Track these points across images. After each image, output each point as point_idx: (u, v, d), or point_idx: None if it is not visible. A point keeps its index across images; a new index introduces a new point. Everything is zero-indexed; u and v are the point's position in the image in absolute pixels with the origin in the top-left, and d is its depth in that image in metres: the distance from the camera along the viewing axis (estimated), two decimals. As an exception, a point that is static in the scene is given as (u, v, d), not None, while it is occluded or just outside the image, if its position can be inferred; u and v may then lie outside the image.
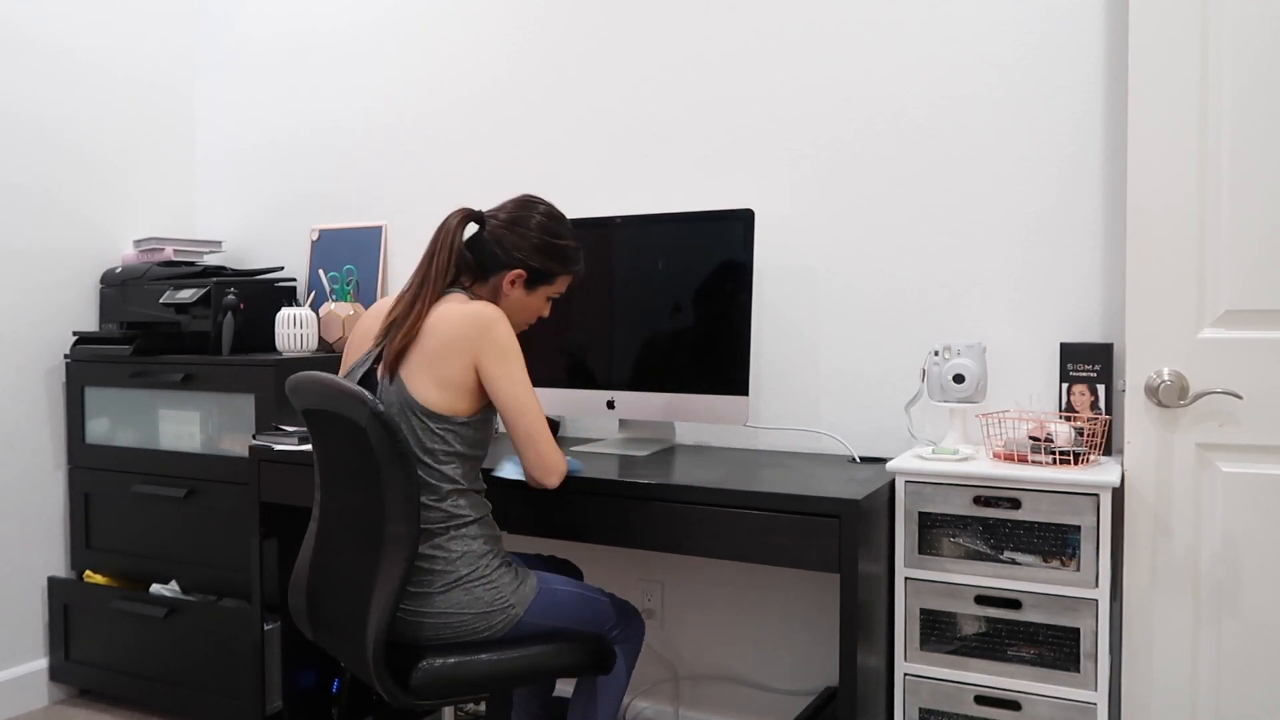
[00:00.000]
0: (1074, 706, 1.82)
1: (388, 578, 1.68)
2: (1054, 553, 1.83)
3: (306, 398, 1.81)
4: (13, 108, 2.88)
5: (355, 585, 1.75)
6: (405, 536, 1.67)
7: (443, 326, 1.77)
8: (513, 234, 1.89)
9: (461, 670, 1.73)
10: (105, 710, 2.92)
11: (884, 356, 2.37)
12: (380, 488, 1.69)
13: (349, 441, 1.72)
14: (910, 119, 2.33)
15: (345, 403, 1.69)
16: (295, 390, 1.83)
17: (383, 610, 1.67)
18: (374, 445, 1.67)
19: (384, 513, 1.69)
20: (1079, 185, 2.17)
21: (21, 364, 2.93)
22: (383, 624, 1.67)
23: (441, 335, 1.77)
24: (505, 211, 1.92)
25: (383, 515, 1.69)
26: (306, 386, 1.79)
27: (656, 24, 2.62)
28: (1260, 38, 1.78)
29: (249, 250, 3.33)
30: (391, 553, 1.68)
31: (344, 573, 1.79)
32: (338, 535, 1.82)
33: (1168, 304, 1.86)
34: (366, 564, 1.73)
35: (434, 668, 1.71)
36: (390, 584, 1.67)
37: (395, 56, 3.02)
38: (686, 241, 2.32)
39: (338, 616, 1.80)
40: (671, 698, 2.64)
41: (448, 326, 1.77)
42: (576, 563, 2.75)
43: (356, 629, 1.73)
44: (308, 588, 1.88)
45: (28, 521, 2.95)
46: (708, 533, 1.90)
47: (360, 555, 1.75)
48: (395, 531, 1.68)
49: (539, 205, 1.93)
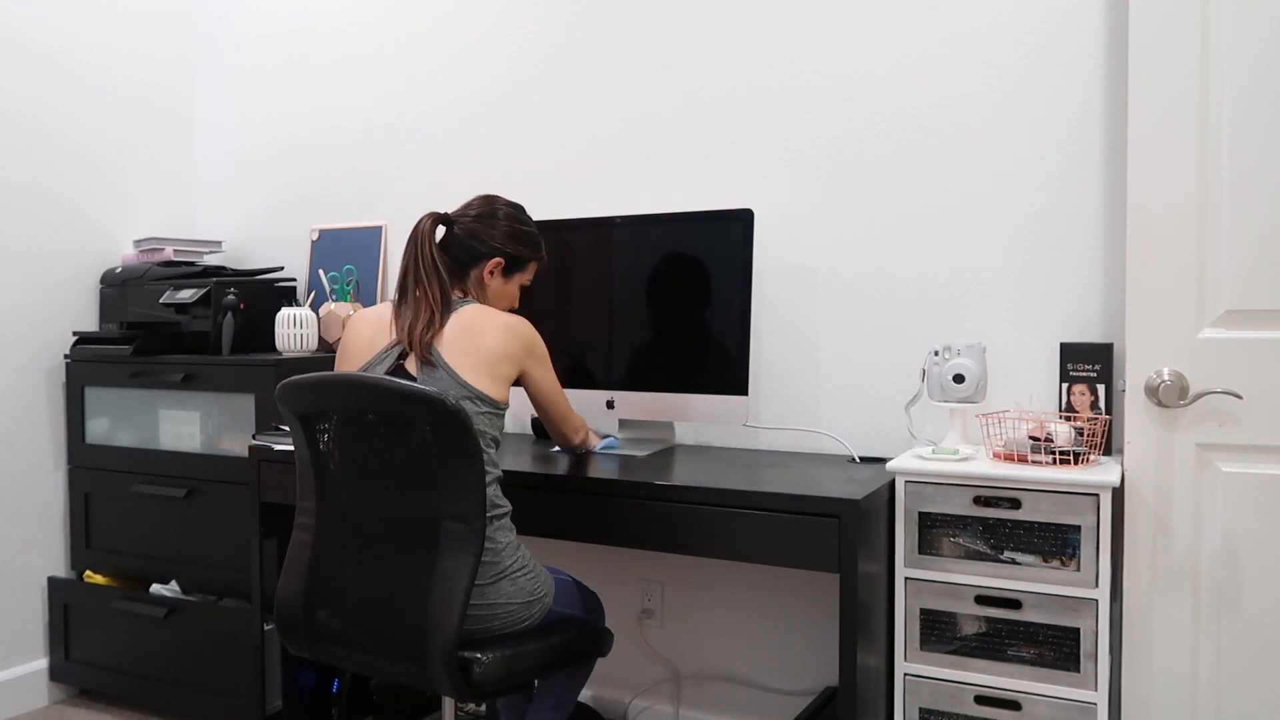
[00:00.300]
0: (1074, 706, 1.82)
1: (451, 575, 1.67)
2: (1054, 553, 1.83)
3: (326, 399, 1.76)
4: (13, 108, 2.88)
5: (397, 591, 1.71)
6: (471, 533, 1.67)
7: (489, 335, 1.86)
8: (485, 227, 1.99)
9: (518, 662, 1.77)
10: (105, 710, 2.92)
11: (884, 356, 2.37)
12: (439, 485, 1.68)
13: (399, 440, 1.70)
14: (910, 119, 2.33)
15: (406, 401, 1.67)
16: (309, 391, 1.77)
17: (452, 608, 1.65)
18: (444, 442, 1.66)
19: (442, 510, 1.68)
20: (1079, 185, 2.17)
21: (21, 364, 2.93)
22: (454, 622, 1.65)
23: (491, 341, 1.86)
24: (472, 209, 2.01)
25: (440, 513, 1.68)
26: (331, 387, 1.75)
27: (656, 24, 2.62)
28: (1260, 38, 1.78)
29: (249, 250, 3.33)
30: (454, 549, 1.67)
31: (378, 578, 1.74)
32: (359, 540, 1.77)
33: (1168, 304, 1.86)
34: (416, 566, 1.70)
35: (493, 661, 1.73)
36: (458, 581, 1.66)
37: (395, 56, 3.02)
38: (686, 241, 2.32)
39: (366, 625, 1.75)
40: (671, 698, 2.64)
41: (495, 335, 1.87)
42: (577, 562, 2.76)
43: (408, 634, 1.70)
44: (307, 600, 1.82)
45: (28, 521, 2.95)
46: (708, 533, 1.90)
47: (403, 558, 1.72)
48: (457, 529, 1.67)
49: (500, 200, 2.05)
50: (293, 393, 1.79)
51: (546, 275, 2.49)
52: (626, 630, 2.69)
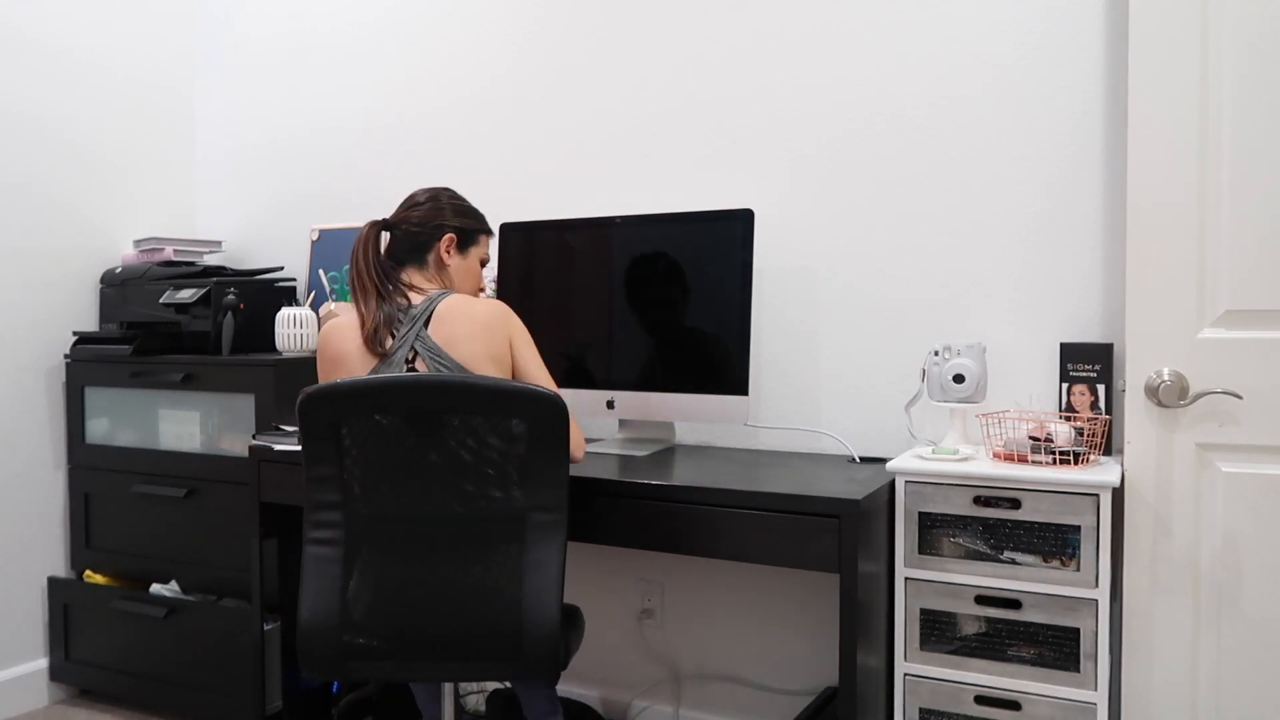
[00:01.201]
0: (1074, 706, 1.82)
1: (544, 565, 1.70)
2: (1054, 553, 1.83)
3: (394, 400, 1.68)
4: (13, 108, 2.88)
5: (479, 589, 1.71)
6: (558, 522, 1.71)
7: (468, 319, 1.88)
8: (427, 212, 2.04)
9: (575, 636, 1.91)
10: (105, 710, 2.93)
11: (884, 356, 2.37)
12: (527, 478, 1.71)
13: (477, 438, 1.70)
14: (910, 119, 2.33)
15: (497, 398, 1.68)
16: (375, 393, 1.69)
17: (550, 596, 1.69)
18: (538, 434, 1.69)
19: (528, 503, 1.71)
20: (1079, 185, 2.17)
21: (21, 364, 2.93)
22: (554, 608, 1.69)
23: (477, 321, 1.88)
24: (406, 205, 2.06)
25: (526, 505, 1.72)
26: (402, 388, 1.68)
27: (656, 24, 2.62)
28: (1260, 38, 1.78)
29: (249, 250, 3.33)
30: (543, 539, 1.71)
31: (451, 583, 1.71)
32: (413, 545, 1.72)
33: (1168, 304, 1.86)
34: (502, 563, 1.71)
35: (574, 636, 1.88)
36: (550, 567, 1.70)
37: (395, 56, 3.02)
38: (686, 241, 2.32)
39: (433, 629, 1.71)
40: (671, 698, 2.64)
41: (475, 315, 1.89)
42: (577, 561, 2.76)
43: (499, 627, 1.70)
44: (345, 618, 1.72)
45: (28, 521, 2.95)
46: (708, 533, 1.90)
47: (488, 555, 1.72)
48: (543, 520, 1.71)
49: (427, 189, 2.09)
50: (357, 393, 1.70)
51: (547, 275, 2.49)
52: (626, 630, 2.69)
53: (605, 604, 2.71)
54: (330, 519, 1.74)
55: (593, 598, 2.73)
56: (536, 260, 2.51)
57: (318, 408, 1.70)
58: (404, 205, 2.06)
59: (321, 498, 1.74)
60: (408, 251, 2.02)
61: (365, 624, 1.72)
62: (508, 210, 2.82)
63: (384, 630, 1.72)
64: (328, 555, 1.73)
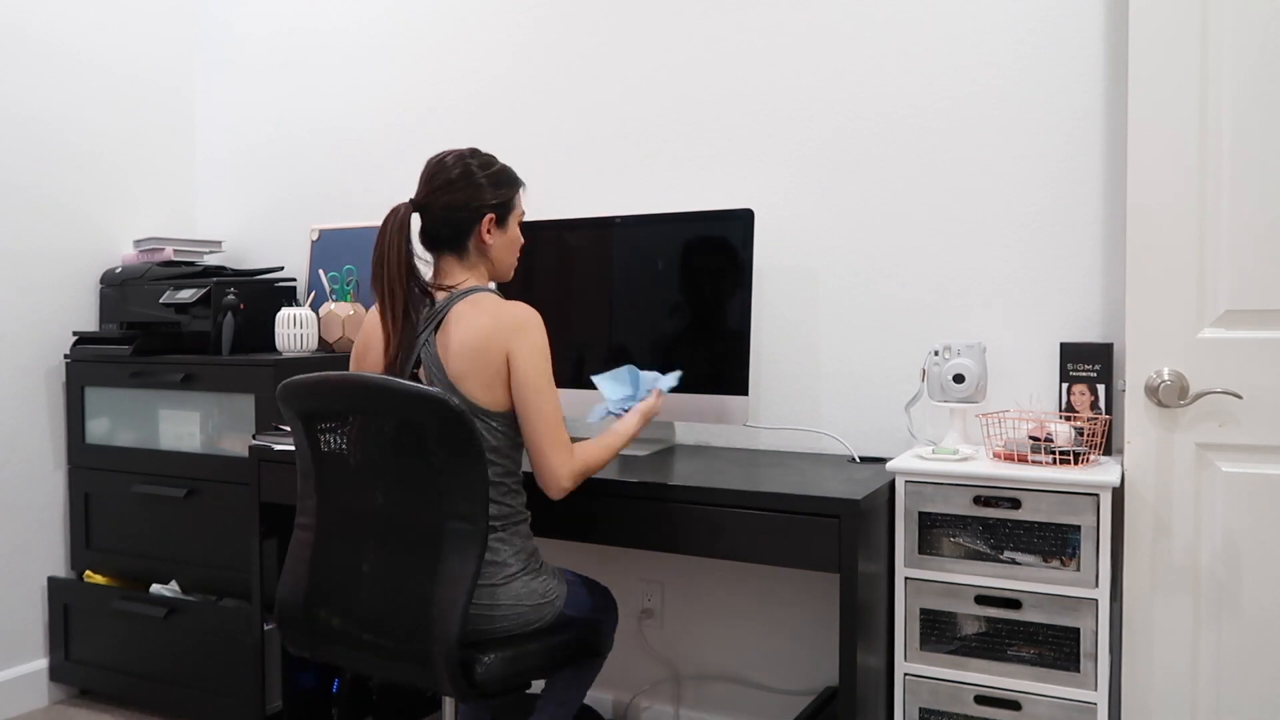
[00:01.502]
0: (1074, 706, 1.82)
1: (455, 577, 1.66)
2: (1054, 553, 1.83)
3: (332, 398, 1.74)
4: (13, 107, 2.88)
5: (400, 590, 1.71)
6: (474, 534, 1.67)
7: (475, 328, 1.79)
8: (463, 192, 1.86)
9: (519, 662, 1.77)
10: (105, 710, 2.92)
11: (884, 356, 2.37)
12: (443, 486, 1.67)
13: (400, 441, 1.69)
14: (910, 119, 2.33)
15: (409, 402, 1.66)
16: (313, 391, 1.75)
17: (455, 610, 1.65)
18: (448, 443, 1.65)
19: (446, 510, 1.68)
20: (1079, 185, 2.17)
21: (21, 364, 2.93)
22: (457, 623, 1.65)
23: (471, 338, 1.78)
24: (436, 183, 1.87)
25: (443, 514, 1.68)
26: (336, 386, 1.73)
27: (656, 24, 2.62)
28: (1260, 37, 1.78)
29: (249, 250, 3.33)
30: (457, 551, 1.67)
31: (382, 578, 1.74)
32: (361, 540, 1.77)
33: (1167, 304, 1.86)
34: (419, 566, 1.70)
35: (495, 661, 1.73)
36: (460, 583, 1.66)
37: (395, 56, 3.02)
38: (686, 241, 2.32)
39: (369, 625, 1.75)
40: (672, 698, 2.64)
41: (479, 326, 1.79)
42: (577, 562, 2.75)
43: (411, 634, 1.70)
44: (309, 599, 1.82)
45: (28, 521, 2.95)
46: (708, 533, 1.90)
47: (406, 557, 1.71)
48: (460, 529, 1.67)
49: (454, 156, 1.89)
50: (296, 392, 1.77)
51: (547, 275, 2.49)
52: (626, 630, 2.69)
53: (605, 604, 2.72)
54: (307, 505, 1.84)
55: (593, 598, 2.73)
56: (536, 260, 2.51)
57: (285, 400, 1.80)
58: (434, 182, 1.86)
59: (302, 485, 1.85)
60: (446, 240, 1.88)
61: (323, 609, 1.80)
62: (508, 210, 2.82)
63: (335, 619, 1.79)
64: (303, 540, 1.85)
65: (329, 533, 1.81)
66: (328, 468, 1.80)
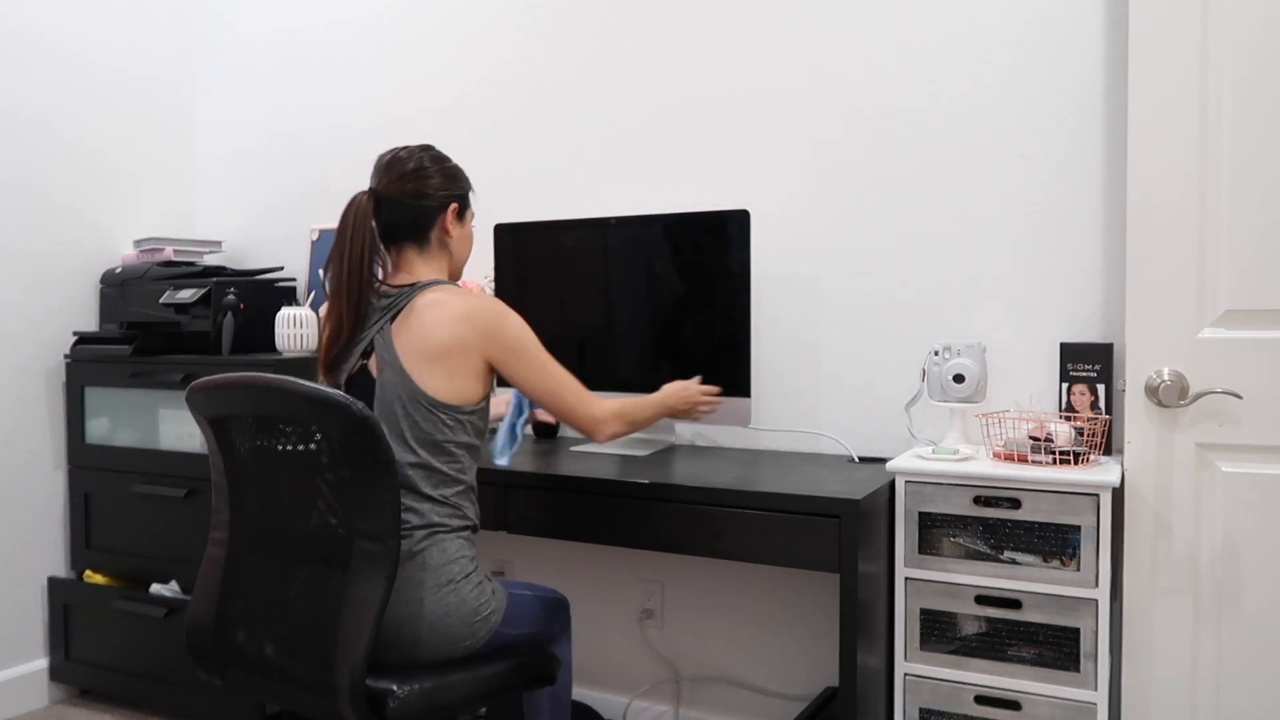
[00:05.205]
0: (1074, 706, 1.82)
1: (362, 600, 1.52)
2: (1054, 553, 1.83)
3: (229, 403, 1.61)
4: (13, 107, 2.88)
5: (311, 615, 1.58)
6: (386, 553, 1.53)
7: (442, 327, 1.72)
8: (423, 183, 1.83)
9: (440, 695, 1.63)
10: (105, 710, 2.93)
11: (884, 356, 2.37)
12: (350, 500, 1.55)
13: (304, 449, 1.57)
14: (910, 118, 2.33)
15: (311, 406, 1.52)
16: (211, 393, 1.62)
17: (361, 635, 1.51)
18: (353, 453, 1.52)
19: (354, 527, 1.55)
20: (1079, 184, 2.17)
21: (21, 364, 2.92)
22: (362, 650, 1.51)
23: (443, 334, 1.72)
24: (395, 173, 1.83)
25: (351, 530, 1.55)
26: (233, 389, 1.60)
27: (655, 24, 2.62)
28: (1260, 35, 1.78)
29: (249, 250, 3.33)
30: (366, 571, 1.53)
31: (290, 600, 1.61)
32: (271, 557, 1.64)
33: (1168, 304, 1.86)
34: (325, 588, 1.57)
35: (411, 694, 1.59)
36: (369, 606, 1.52)
37: (395, 55, 3.02)
38: (684, 242, 2.32)
39: (276, 652, 1.61)
40: (671, 698, 2.64)
41: (448, 326, 1.72)
42: (577, 561, 2.76)
43: (322, 662, 1.56)
44: (220, 622, 1.66)
45: (28, 521, 2.95)
46: (708, 533, 1.90)
47: (314, 578, 1.59)
48: (369, 548, 1.53)
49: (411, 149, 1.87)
50: (200, 396, 1.65)
51: (544, 276, 2.49)
52: (626, 630, 2.69)
53: (605, 604, 2.71)
54: (219, 519, 1.71)
55: (593, 598, 2.73)
56: (534, 261, 2.51)
57: (191, 404, 1.67)
58: (393, 171, 1.82)
59: (215, 497, 1.71)
60: (406, 230, 1.83)
61: (236, 633, 1.67)
62: (506, 210, 2.82)
63: (249, 644, 1.65)
64: (214, 556, 1.70)
65: (241, 549, 1.68)
66: (238, 478, 1.67)
